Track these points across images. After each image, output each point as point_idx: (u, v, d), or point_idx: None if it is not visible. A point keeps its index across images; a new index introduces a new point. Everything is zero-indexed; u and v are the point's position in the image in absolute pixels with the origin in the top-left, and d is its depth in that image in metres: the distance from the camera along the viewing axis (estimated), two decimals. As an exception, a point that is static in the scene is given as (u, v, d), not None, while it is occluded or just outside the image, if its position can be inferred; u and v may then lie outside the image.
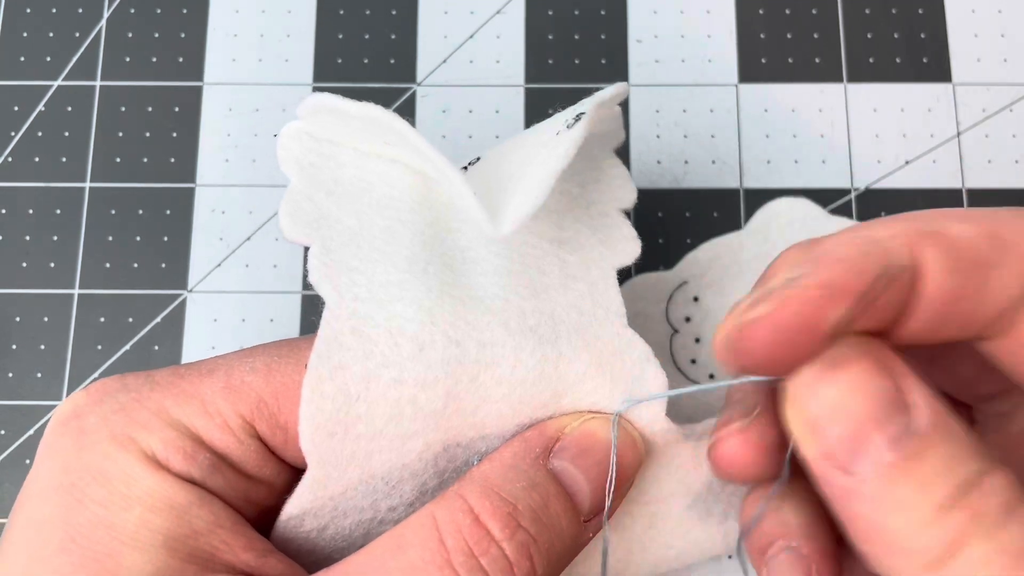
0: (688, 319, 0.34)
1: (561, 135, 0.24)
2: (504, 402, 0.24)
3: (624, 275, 0.34)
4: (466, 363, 0.24)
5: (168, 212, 0.36)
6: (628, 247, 0.27)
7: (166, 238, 0.35)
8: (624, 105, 0.36)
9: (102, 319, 0.34)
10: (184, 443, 0.23)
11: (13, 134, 0.36)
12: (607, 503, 0.25)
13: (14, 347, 0.34)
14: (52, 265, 0.35)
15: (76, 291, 0.35)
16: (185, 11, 0.38)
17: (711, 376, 0.33)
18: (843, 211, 0.35)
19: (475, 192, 0.23)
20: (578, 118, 0.24)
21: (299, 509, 0.24)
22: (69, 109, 0.36)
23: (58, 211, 0.35)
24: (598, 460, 0.24)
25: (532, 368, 0.24)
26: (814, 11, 0.37)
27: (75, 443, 0.23)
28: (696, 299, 0.34)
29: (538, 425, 0.25)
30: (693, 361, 0.34)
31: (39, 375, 0.34)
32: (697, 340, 0.34)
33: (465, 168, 0.28)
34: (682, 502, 0.27)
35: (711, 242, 0.35)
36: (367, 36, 0.37)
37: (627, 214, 0.28)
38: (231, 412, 0.24)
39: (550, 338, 0.25)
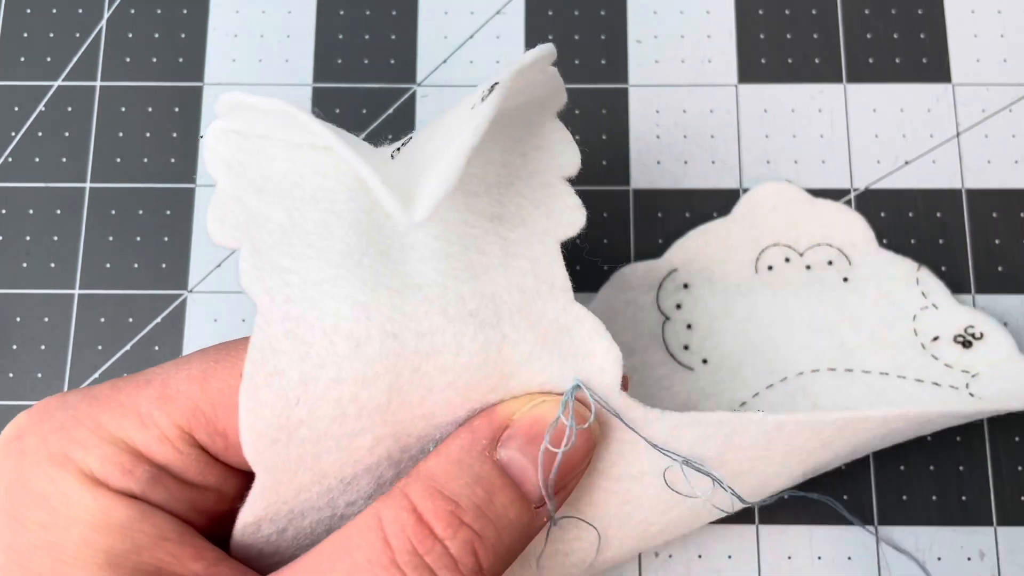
0: (679, 306, 0.34)
1: (475, 109, 0.23)
2: (450, 389, 0.24)
3: (615, 268, 0.34)
4: (406, 355, 0.23)
5: (168, 212, 0.36)
6: (572, 218, 0.26)
7: (166, 238, 0.35)
8: (624, 105, 0.36)
9: (102, 319, 0.35)
10: (122, 458, 0.23)
11: (13, 134, 0.36)
12: (549, 489, 0.24)
13: (14, 347, 0.34)
14: (52, 265, 0.35)
15: (76, 291, 0.35)
16: (185, 11, 0.38)
17: (704, 361, 0.33)
18: (843, 211, 0.35)
19: (396, 178, 0.22)
20: (493, 89, 0.23)
21: (254, 517, 0.24)
22: (69, 109, 0.37)
23: (58, 211, 0.36)
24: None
25: (475, 353, 0.24)
26: (814, 11, 0.37)
27: (16, 465, 0.23)
28: (686, 286, 0.34)
29: (487, 412, 0.24)
30: (686, 347, 0.34)
31: (39, 375, 0.34)
32: (689, 326, 0.34)
33: (398, 149, 0.26)
34: (658, 482, 0.26)
35: (698, 229, 0.35)
36: (367, 36, 0.37)
37: (570, 181, 0.27)
38: (167, 422, 0.24)
39: (492, 321, 0.24)
